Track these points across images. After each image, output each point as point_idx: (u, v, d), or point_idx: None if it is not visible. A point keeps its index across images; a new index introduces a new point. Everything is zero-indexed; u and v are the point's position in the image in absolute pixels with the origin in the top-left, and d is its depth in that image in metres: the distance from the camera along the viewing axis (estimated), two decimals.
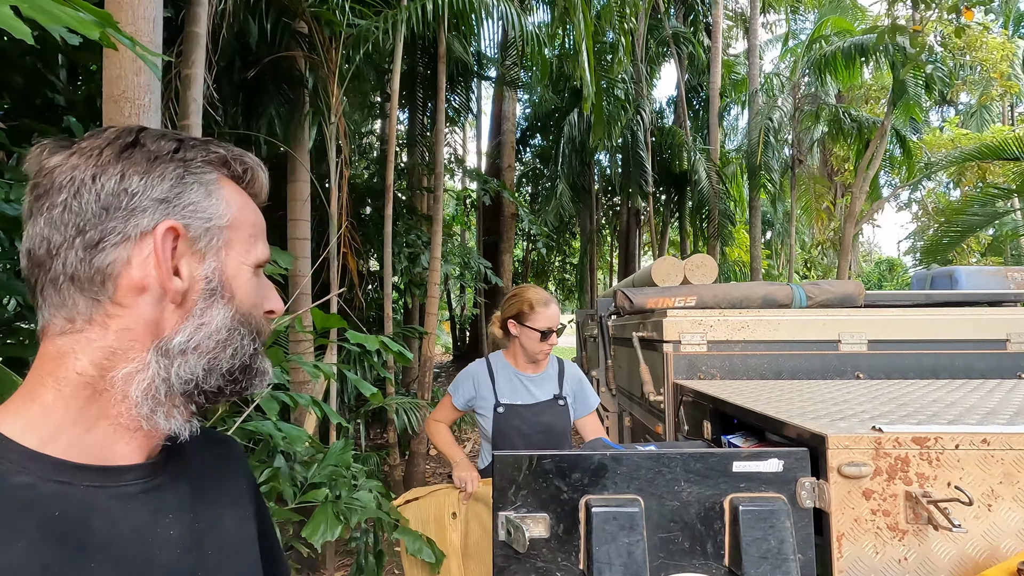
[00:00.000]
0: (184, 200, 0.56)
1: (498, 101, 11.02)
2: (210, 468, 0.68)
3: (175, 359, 0.55)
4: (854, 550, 1.15)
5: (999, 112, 17.88)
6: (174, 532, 0.57)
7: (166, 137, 0.58)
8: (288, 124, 3.53)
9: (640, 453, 1.20)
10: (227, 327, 0.58)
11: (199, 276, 0.57)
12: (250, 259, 0.61)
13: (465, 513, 1.99)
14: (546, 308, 2.15)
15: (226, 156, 0.61)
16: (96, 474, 0.53)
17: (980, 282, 3.05)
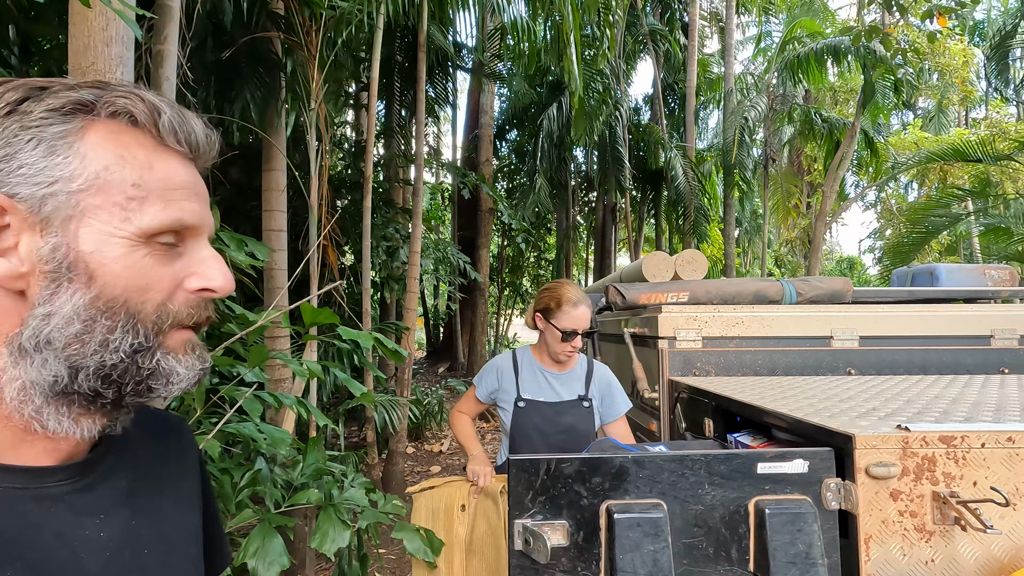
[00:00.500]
0: (14, 163, 0.45)
1: (475, 94, 10.89)
2: (153, 457, 0.62)
3: (32, 357, 0.46)
4: (882, 553, 1.12)
5: (955, 117, 18.62)
6: (104, 534, 0.52)
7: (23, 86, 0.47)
8: (264, 109, 3.36)
9: (664, 455, 1.15)
10: (83, 317, 0.47)
11: (42, 255, 0.46)
12: (127, 228, 0.48)
13: (474, 508, 1.92)
14: (574, 308, 2.03)
15: (91, 99, 0.47)
16: (17, 475, 0.48)
17: (960, 279, 3.11)
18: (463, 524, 1.94)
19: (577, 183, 13.17)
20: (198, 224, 0.52)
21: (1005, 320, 2.48)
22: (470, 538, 1.93)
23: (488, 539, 1.91)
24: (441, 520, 1.95)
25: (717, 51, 13.64)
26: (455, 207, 12.24)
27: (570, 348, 2.07)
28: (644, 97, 13.59)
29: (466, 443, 2.18)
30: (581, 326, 2.04)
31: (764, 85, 10.25)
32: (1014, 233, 9.12)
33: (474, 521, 1.94)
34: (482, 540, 1.92)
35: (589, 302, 2.11)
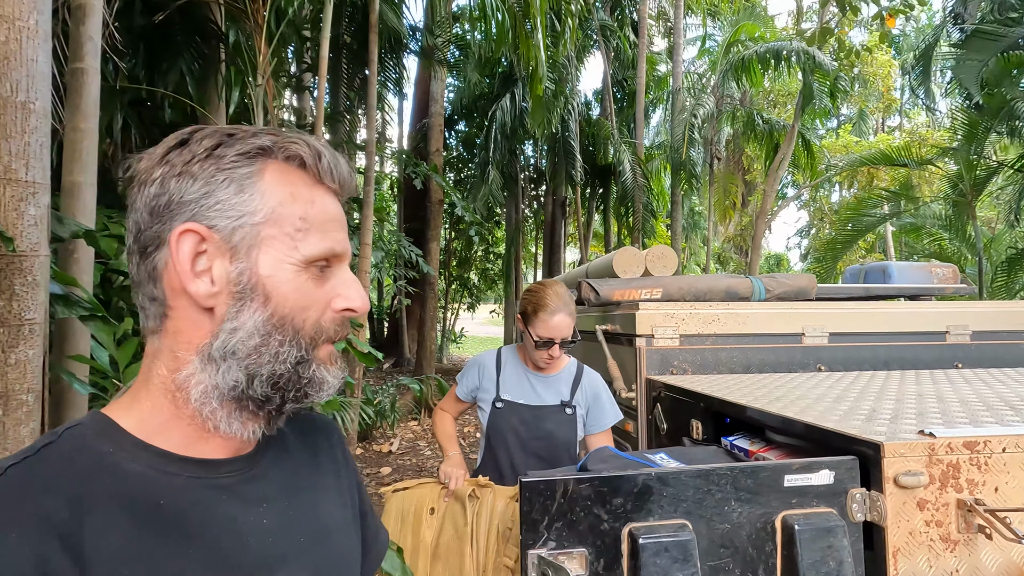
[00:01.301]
0: (212, 200, 0.54)
1: (424, 81, 10.56)
2: (307, 454, 0.68)
3: (218, 364, 0.55)
4: (909, 565, 1.07)
5: (873, 125, 19.96)
6: (267, 521, 0.58)
7: (214, 135, 0.56)
8: (202, 83, 3.03)
9: (688, 471, 1.05)
10: (261, 332, 0.55)
11: (231, 278, 0.55)
12: (296, 256, 0.56)
13: (443, 511, 1.78)
14: (550, 317, 1.86)
15: (269, 145, 0.57)
16: (196, 466, 0.55)
17: (909, 276, 3.23)
18: (430, 528, 1.80)
19: (527, 177, 13.10)
20: (344, 252, 0.60)
21: (959, 317, 2.57)
22: (436, 543, 1.79)
23: (454, 545, 1.78)
24: (410, 522, 1.82)
25: (664, 50, 13.92)
26: (402, 198, 11.88)
27: (547, 356, 1.93)
28: (594, 92, 13.68)
29: (443, 443, 2.04)
30: (558, 335, 1.89)
31: (712, 86, 10.52)
32: (930, 232, 9.85)
33: (442, 525, 1.81)
34: (448, 546, 1.79)
35: (571, 309, 1.93)
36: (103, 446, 0.53)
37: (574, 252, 17.33)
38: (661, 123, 17.40)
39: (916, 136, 10.90)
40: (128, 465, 0.52)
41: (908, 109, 20.10)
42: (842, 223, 9.39)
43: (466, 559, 1.72)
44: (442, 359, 14.30)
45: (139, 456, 0.53)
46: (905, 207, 9.32)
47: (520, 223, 12.54)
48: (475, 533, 1.71)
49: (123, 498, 0.50)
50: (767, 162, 10.13)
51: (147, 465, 0.53)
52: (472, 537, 1.72)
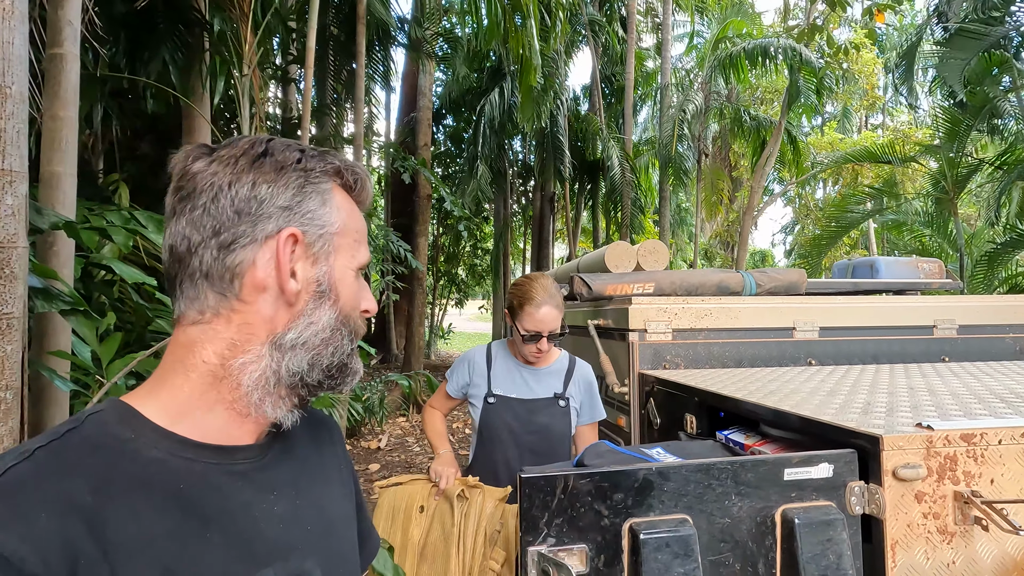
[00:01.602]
0: (303, 208, 0.61)
1: (412, 75, 10.46)
2: (312, 448, 0.72)
3: (286, 353, 0.60)
4: (907, 558, 1.07)
5: (857, 123, 20.19)
6: (278, 508, 0.61)
7: (290, 148, 0.63)
8: (186, 73, 2.95)
9: (689, 465, 1.03)
10: (331, 327, 0.63)
11: (311, 278, 0.62)
12: (354, 263, 0.66)
13: (432, 510, 1.75)
14: (536, 310, 1.84)
15: (340, 167, 0.65)
16: (213, 452, 0.58)
17: (896, 271, 3.26)
18: (419, 526, 1.78)
19: (515, 172, 13.06)
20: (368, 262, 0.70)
21: (946, 311, 2.60)
22: (424, 542, 1.77)
23: (440, 546, 1.76)
24: (400, 519, 1.79)
25: (652, 46, 13.93)
26: (389, 193, 11.78)
27: (535, 350, 1.91)
28: (582, 88, 13.66)
29: (434, 441, 2.00)
30: (545, 329, 1.86)
31: (701, 82, 10.55)
32: (912, 229, 10.00)
33: (430, 524, 1.79)
34: (435, 546, 1.76)
35: (558, 301, 1.91)
36: (124, 432, 0.55)
37: (562, 248, 17.34)
38: (649, 119, 17.45)
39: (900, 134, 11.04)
40: (149, 452, 0.54)
41: (891, 107, 20.38)
42: (827, 220, 9.49)
43: (452, 561, 1.69)
44: (430, 355, 14.25)
45: (159, 443, 0.55)
46: (888, 204, 9.45)
47: (508, 218, 12.51)
48: (462, 534, 1.69)
49: (144, 484, 0.52)
50: (754, 158, 10.20)
51: (167, 452, 0.55)
52: (459, 538, 1.70)
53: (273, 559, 0.58)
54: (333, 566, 0.66)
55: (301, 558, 0.61)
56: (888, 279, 3.22)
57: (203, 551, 0.53)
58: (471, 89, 10.97)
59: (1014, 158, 6.67)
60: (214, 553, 0.54)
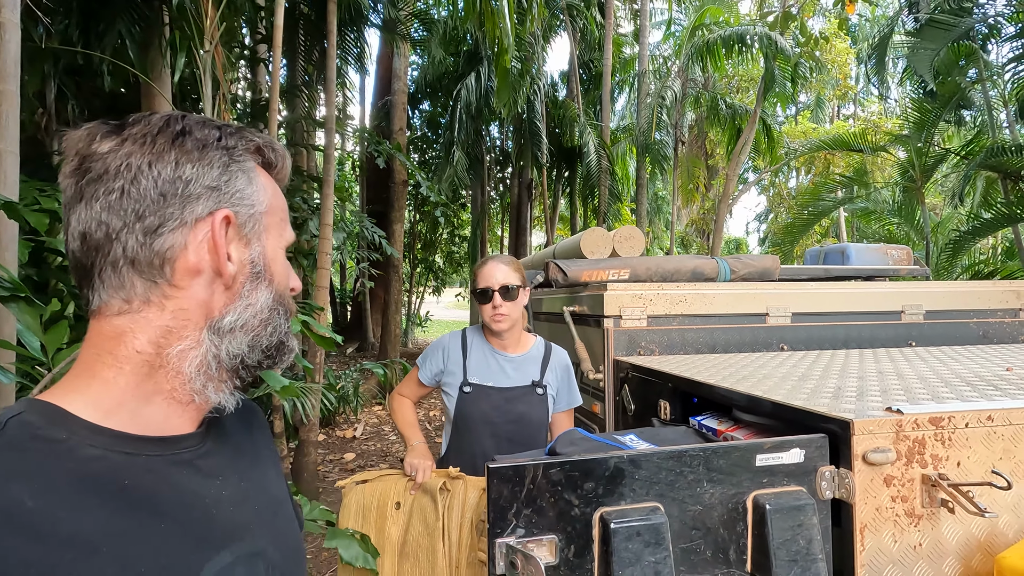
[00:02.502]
0: (231, 188, 0.59)
1: (386, 58, 10.23)
2: (244, 433, 0.72)
3: (225, 337, 0.59)
4: (875, 541, 1.07)
5: (830, 112, 20.51)
6: (226, 492, 0.61)
7: (208, 125, 0.60)
8: (144, 49, 2.80)
9: (660, 453, 1.02)
10: (268, 307, 0.63)
11: (246, 260, 0.61)
12: (282, 242, 0.66)
13: (410, 505, 1.69)
14: (481, 268, 1.88)
15: (260, 144, 0.64)
16: (156, 444, 0.57)
17: (867, 258, 3.31)
18: (396, 524, 1.71)
19: (493, 159, 12.94)
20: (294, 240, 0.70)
21: (913, 297, 2.65)
22: (404, 539, 1.71)
23: (424, 541, 1.70)
24: (372, 518, 1.72)
25: (630, 32, 13.87)
26: (364, 179, 11.56)
27: (491, 309, 1.87)
28: (560, 74, 13.56)
29: (405, 431, 1.94)
30: (493, 282, 1.86)
31: (678, 69, 10.55)
32: (880, 217, 10.22)
33: (409, 520, 1.73)
34: (417, 542, 1.71)
35: (507, 260, 1.93)
36: (56, 433, 0.52)
37: (540, 235, 17.32)
38: (627, 106, 17.44)
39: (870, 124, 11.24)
40: (85, 450, 0.52)
41: (863, 98, 20.74)
42: (799, 208, 9.64)
43: (438, 555, 1.65)
44: (407, 343, 14.15)
45: (95, 440, 0.53)
46: (858, 192, 9.63)
47: (486, 205, 12.41)
48: (447, 528, 1.64)
49: (86, 483, 0.50)
50: (729, 147, 10.28)
51: (105, 448, 0.53)
52: (444, 532, 1.65)
53: (229, 541, 0.58)
54: (282, 543, 0.67)
55: (254, 538, 0.61)
56: (858, 266, 3.27)
57: (161, 542, 0.52)
58: (447, 73, 10.79)
59: (978, 148, 6.84)
60: (171, 543, 0.53)
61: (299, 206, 5.12)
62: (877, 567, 1.07)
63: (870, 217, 10.43)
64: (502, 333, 1.92)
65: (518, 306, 1.91)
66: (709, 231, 17.83)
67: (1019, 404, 1.16)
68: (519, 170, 11.59)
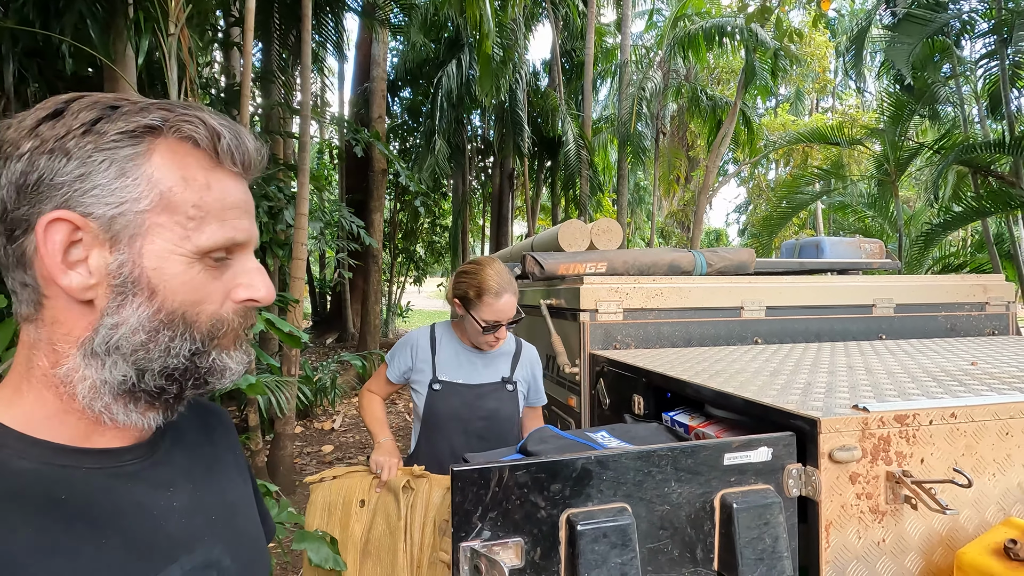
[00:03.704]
0: (89, 183, 0.50)
1: (365, 44, 10.03)
2: (203, 437, 0.68)
3: (103, 359, 0.52)
4: (840, 538, 1.08)
5: (808, 105, 20.74)
6: (177, 503, 0.58)
7: (95, 106, 0.51)
8: (107, 30, 2.68)
9: (628, 453, 1.01)
10: (146, 328, 0.52)
11: (110, 270, 0.51)
12: (189, 245, 0.53)
13: (374, 503, 1.67)
14: (496, 299, 1.77)
15: (158, 123, 0.52)
16: (97, 457, 0.54)
17: (841, 251, 3.35)
18: (360, 521, 1.69)
19: (474, 148, 12.83)
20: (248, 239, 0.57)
21: (884, 291, 2.69)
22: (366, 538, 1.69)
23: (385, 540, 1.68)
24: (337, 516, 1.69)
25: (613, 22, 13.81)
26: (343, 167, 11.38)
27: (493, 339, 1.84)
28: (542, 62, 13.46)
29: (373, 428, 1.91)
30: (505, 317, 1.80)
31: (659, 60, 10.54)
32: (856, 210, 10.39)
33: (373, 519, 1.70)
34: (379, 541, 1.69)
35: (515, 287, 1.85)
36: None
37: (522, 225, 17.28)
38: (609, 96, 17.40)
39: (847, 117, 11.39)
40: (17, 463, 0.49)
41: (840, 91, 21.00)
42: (778, 200, 9.74)
43: (399, 555, 1.63)
44: (387, 333, 14.05)
45: (29, 453, 0.50)
46: (835, 185, 9.77)
47: (467, 195, 12.32)
48: (409, 527, 1.62)
49: (18, 498, 0.47)
50: (710, 138, 10.34)
51: (39, 461, 0.50)
52: (406, 531, 1.63)
53: (178, 553, 0.55)
54: (242, 549, 0.64)
55: (208, 548, 0.59)
56: (832, 259, 3.31)
57: (99, 558, 0.50)
58: (428, 60, 10.63)
59: (951, 143, 6.97)
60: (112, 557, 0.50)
61: (274, 195, 5.01)
62: (842, 563, 1.08)
63: (846, 210, 10.61)
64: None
65: None
66: (689, 223, 17.97)
67: (982, 401, 1.17)
68: (501, 160, 11.52)
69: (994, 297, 2.79)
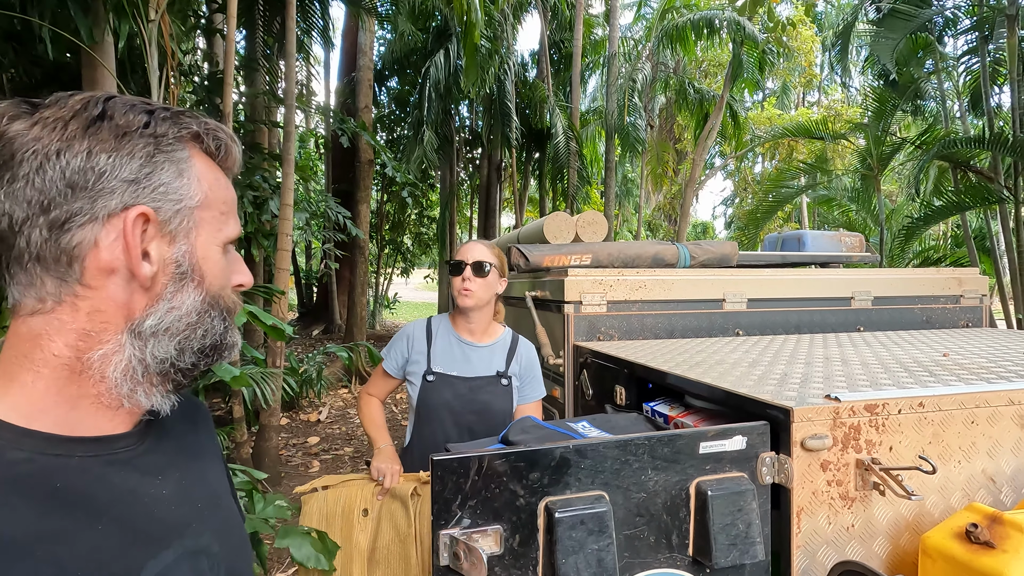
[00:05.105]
0: (154, 181, 0.55)
1: (352, 32, 9.91)
2: (186, 428, 0.70)
3: (148, 340, 0.56)
4: (811, 523, 1.11)
5: (795, 99, 20.87)
6: (167, 491, 0.60)
7: (135, 108, 0.56)
8: (86, 15, 2.62)
9: (606, 442, 1.03)
10: (197, 310, 0.59)
11: (169, 259, 0.57)
12: (220, 238, 0.61)
13: (378, 511, 1.66)
14: (462, 246, 1.91)
15: (199, 131, 0.59)
16: (89, 445, 0.55)
17: (822, 245, 3.40)
18: (365, 531, 1.65)
19: (462, 139, 12.76)
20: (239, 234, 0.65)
21: (863, 284, 2.74)
22: (373, 547, 1.67)
23: (395, 548, 1.67)
24: (337, 526, 1.65)
25: (601, 13, 13.76)
26: (329, 157, 11.27)
27: (459, 282, 1.86)
28: (531, 53, 13.39)
29: (372, 433, 1.89)
30: (468, 256, 1.86)
31: (647, 53, 10.54)
32: (840, 204, 10.52)
33: (378, 527, 1.68)
34: (388, 549, 1.67)
35: (486, 243, 1.94)
36: None
37: (510, 217, 17.26)
38: (598, 88, 17.38)
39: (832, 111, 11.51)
40: (11, 454, 0.50)
41: (826, 86, 21.16)
42: (764, 193, 9.83)
43: (411, 562, 1.61)
44: (374, 325, 14.00)
45: (22, 443, 0.51)
46: (820, 179, 9.87)
47: (455, 186, 12.27)
48: (420, 534, 1.61)
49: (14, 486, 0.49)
50: (697, 131, 10.39)
51: (33, 451, 0.51)
52: (417, 538, 1.62)
53: (171, 539, 0.57)
54: (228, 535, 0.67)
55: (197, 534, 0.61)
56: (813, 252, 3.35)
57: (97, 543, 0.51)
58: (416, 49, 10.52)
59: (932, 138, 7.07)
60: (109, 543, 0.52)
61: (259, 185, 4.96)
62: (812, 548, 1.11)
63: (831, 204, 10.73)
64: (468, 313, 1.90)
65: (488, 287, 1.89)
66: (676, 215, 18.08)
67: (949, 391, 1.21)
68: (489, 151, 11.48)
69: (968, 290, 2.86)
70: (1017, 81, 5.68)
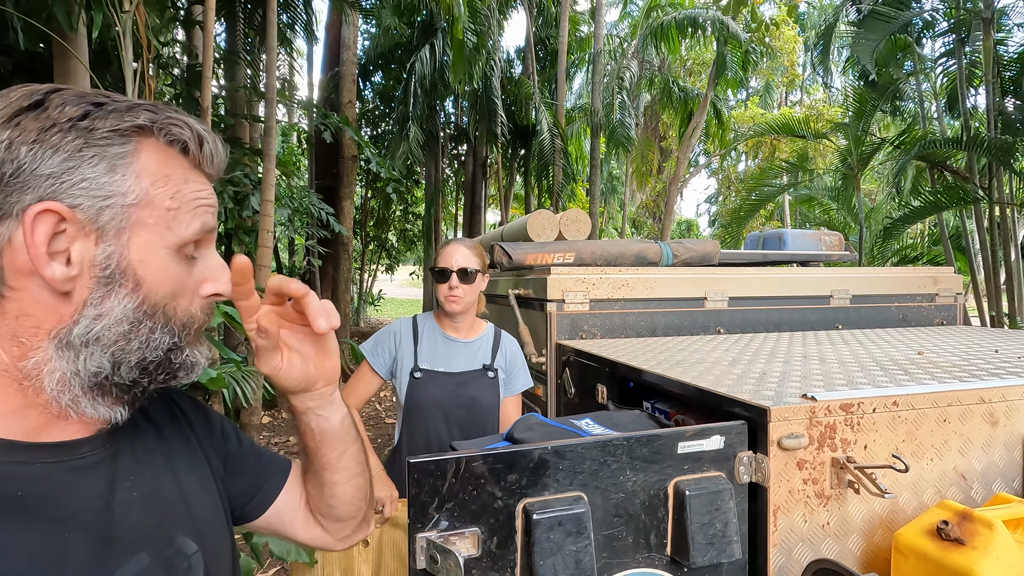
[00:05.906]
0: (76, 176, 0.51)
1: (335, 26, 9.78)
2: (161, 423, 0.68)
3: (80, 351, 0.52)
4: (787, 521, 1.12)
5: (777, 99, 21.10)
6: (137, 493, 0.58)
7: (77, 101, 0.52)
8: (59, 4, 2.54)
9: (585, 443, 1.02)
10: (130, 319, 0.54)
11: (93, 261, 0.52)
12: (169, 239, 0.55)
13: (379, 540, 1.63)
14: (443, 249, 1.87)
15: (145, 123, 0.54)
16: (52, 451, 0.53)
17: (802, 243, 3.44)
18: (367, 562, 1.61)
19: (447, 135, 12.70)
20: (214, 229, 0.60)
21: (841, 282, 2.78)
22: None
23: None
24: (336, 557, 1.60)
25: (587, 10, 13.77)
26: (312, 152, 11.13)
27: (446, 290, 1.85)
28: (516, 50, 13.35)
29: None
30: (451, 262, 1.85)
31: (633, 50, 10.57)
32: (821, 202, 10.67)
33: (380, 557, 1.64)
34: None
35: (469, 244, 1.92)
36: None
37: (495, 214, 17.22)
38: (584, 85, 17.40)
39: (814, 111, 11.67)
40: None
41: (808, 85, 21.42)
42: (747, 192, 9.92)
43: None
44: (359, 322, 13.91)
45: None
46: (801, 179, 10.00)
47: (440, 183, 12.20)
48: None
49: None
50: (681, 129, 10.47)
51: None
52: None
53: (143, 543, 0.56)
54: (205, 533, 0.65)
55: (171, 535, 0.60)
56: (794, 250, 3.39)
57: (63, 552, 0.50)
58: (401, 44, 10.44)
59: (911, 138, 7.19)
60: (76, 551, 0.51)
61: (240, 180, 4.88)
62: (788, 546, 1.13)
63: (812, 203, 10.88)
64: (455, 316, 1.90)
65: (474, 290, 1.90)
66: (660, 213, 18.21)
67: (922, 389, 1.23)
68: (474, 147, 11.43)
69: (943, 289, 2.91)
70: (992, 83, 5.79)
